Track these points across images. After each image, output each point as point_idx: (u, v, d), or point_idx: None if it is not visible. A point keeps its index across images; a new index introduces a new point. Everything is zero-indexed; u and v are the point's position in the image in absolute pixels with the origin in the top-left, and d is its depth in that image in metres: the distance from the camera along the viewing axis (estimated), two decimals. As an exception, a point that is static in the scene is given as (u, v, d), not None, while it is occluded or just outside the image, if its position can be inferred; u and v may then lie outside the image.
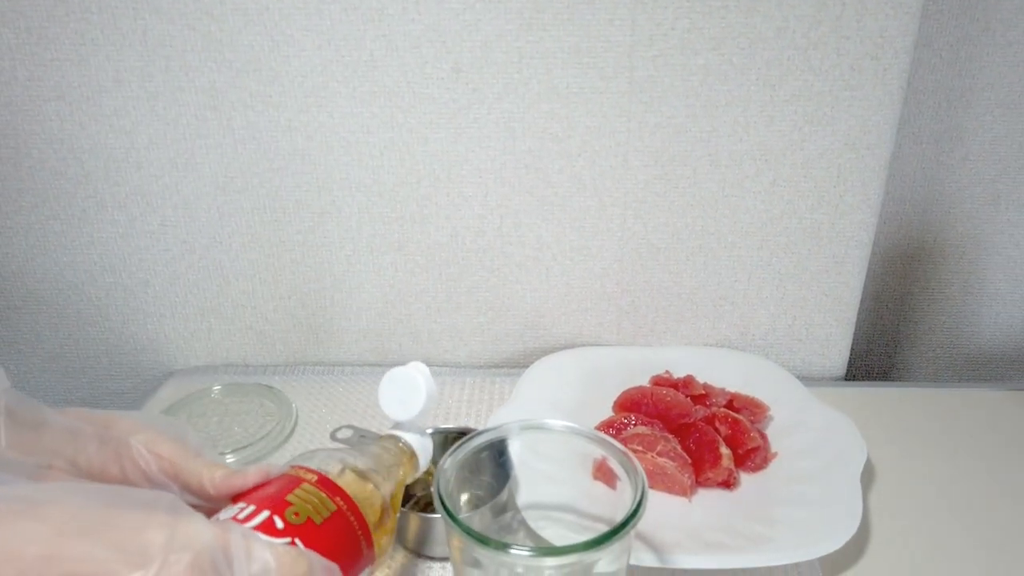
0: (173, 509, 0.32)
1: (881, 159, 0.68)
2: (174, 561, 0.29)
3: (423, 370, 0.50)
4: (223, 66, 0.66)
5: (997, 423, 0.69)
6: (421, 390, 0.49)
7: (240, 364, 0.79)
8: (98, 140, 0.69)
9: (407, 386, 0.49)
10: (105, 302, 0.76)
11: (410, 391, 0.49)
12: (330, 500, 0.39)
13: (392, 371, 0.50)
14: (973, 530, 0.57)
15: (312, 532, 0.37)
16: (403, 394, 0.49)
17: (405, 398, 0.49)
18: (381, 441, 0.48)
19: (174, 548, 0.30)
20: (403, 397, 0.49)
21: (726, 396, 0.67)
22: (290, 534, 0.36)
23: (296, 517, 0.36)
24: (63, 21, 0.64)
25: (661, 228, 0.72)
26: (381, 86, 0.66)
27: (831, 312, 0.75)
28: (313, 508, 0.38)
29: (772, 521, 0.57)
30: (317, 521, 0.37)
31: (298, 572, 0.33)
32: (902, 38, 0.64)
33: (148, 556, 0.29)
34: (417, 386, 0.49)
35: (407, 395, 0.49)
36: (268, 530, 0.35)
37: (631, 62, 0.65)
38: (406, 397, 0.49)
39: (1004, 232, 0.82)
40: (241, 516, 0.36)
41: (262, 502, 0.37)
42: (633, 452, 0.59)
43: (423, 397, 0.49)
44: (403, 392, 0.49)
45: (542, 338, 0.77)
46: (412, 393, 0.49)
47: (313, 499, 0.38)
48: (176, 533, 0.30)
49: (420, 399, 0.49)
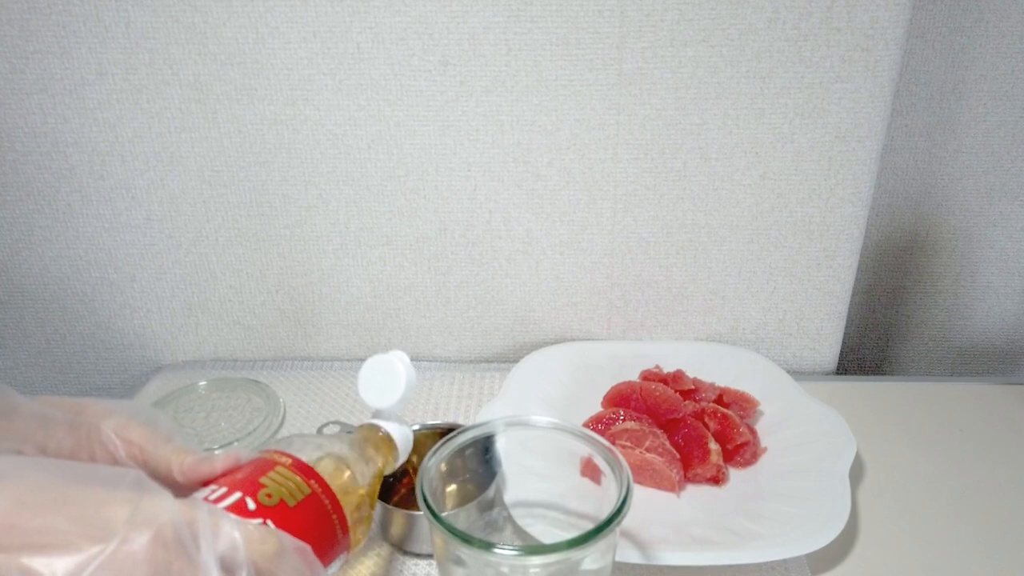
0: (138, 485, 0.31)
1: (872, 152, 0.68)
2: (136, 536, 0.29)
3: (403, 358, 0.49)
4: (207, 59, 0.65)
5: (988, 417, 0.69)
6: (401, 378, 0.48)
7: (227, 359, 0.79)
8: (82, 134, 0.68)
9: (387, 374, 0.48)
10: (91, 297, 0.75)
11: (390, 379, 0.48)
12: (304, 483, 0.38)
13: (372, 359, 0.49)
14: (963, 525, 0.57)
15: (285, 514, 0.36)
16: (383, 381, 0.49)
17: (385, 386, 0.48)
18: (359, 429, 0.48)
19: (136, 523, 0.29)
20: (383, 385, 0.48)
21: (716, 391, 0.67)
22: (262, 515, 0.35)
23: (269, 499, 0.36)
24: (45, 13, 0.63)
25: (651, 222, 0.71)
26: (368, 79, 0.66)
27: (822, 306, 0.74)
28: (287, 491, 0.37)
29: (760, 517, 0.56)
30: (290, 504, 0.36)
31: (267, 550, 0.32)
32: (893, 29, 0.63)
33: (109, 530, 0.28)
34: (397, 374, 0.48)
35: (387, 383, 0.48)
36: (239, 511, 0.34)
37: (620, 54, 0.64)
38: (386, 385, 0.48)
39: (997, 225, 0.81)
40: (212, 497, 0.35)
41: (234, 484, 0.36)
42: (621, 448, 0.60)
43: (403, 385, 0.48)
44: (383, 380, 0.49)
45: (532, 332, 0.77)
46: (392, 380, 0.48)
47: (287, 482, 0.37)
48: (139, 508, 0.30)
49: (400, 387, 0.48)
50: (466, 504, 0.53)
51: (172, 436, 0.40)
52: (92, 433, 0.39)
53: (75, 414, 0.41)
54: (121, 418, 0.41)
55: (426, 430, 0.60)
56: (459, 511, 0.53)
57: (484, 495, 0.54)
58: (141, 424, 0.40)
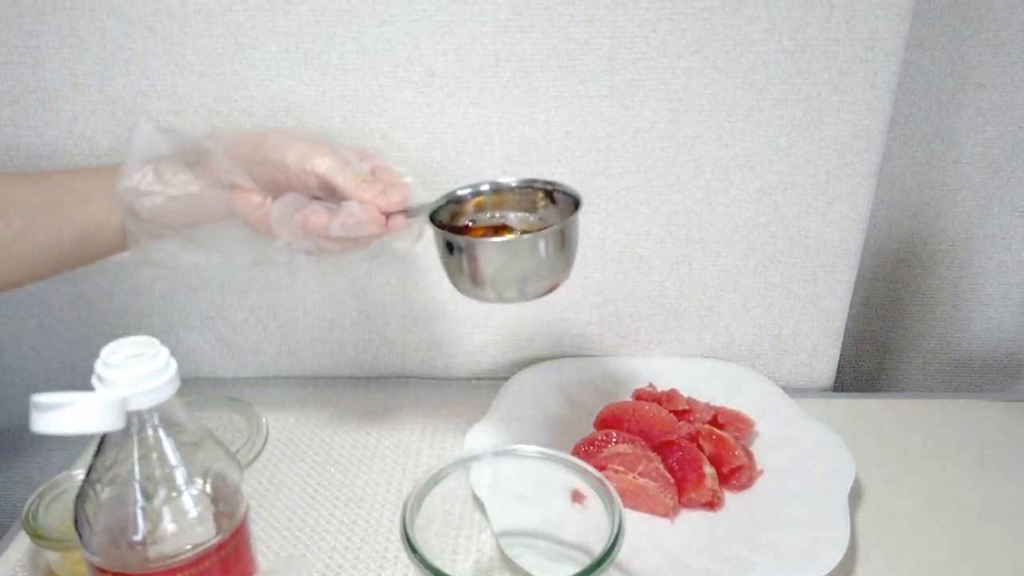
0: None
1: (870, 165, 0.66)
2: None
3: None
4: (185, 70, 0.63)
5: (988, 435, 0.67)
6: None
7: (210, 377, 0.77)
8: (56, 146, 0.66)
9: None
10: (68, 314, 0.73)
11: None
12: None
13: None
14: (965, 549, 0.56)
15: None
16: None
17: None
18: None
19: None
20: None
21: (710, 411, 0.65)
22: None
23: None
24: (16, 23, 0.61)
25: (644, 236, 0.69)
26: (352, 90, 0.64)
27: (818, 322, 0.73)
28: None
29: (756, 545, 0.55)
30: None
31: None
32: (892, 40, 0.61)
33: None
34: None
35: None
36: None
37: (611, 65, 0.63)
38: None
39: (996, 236, 0.80)
40: None
41: None
42: (613, 472, 0.58)
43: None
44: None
45: (523, 349, 0.75)
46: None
47: None
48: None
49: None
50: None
51: (349, 158, 0.50)
52: (281, 167, 0.49)
53: (257, 148, 0.50)
54: (301, 145, 0.49)
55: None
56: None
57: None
58: (320, 152, 0.49)
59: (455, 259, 0.50)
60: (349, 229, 0.49)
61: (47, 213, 0.50)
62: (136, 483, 0.38)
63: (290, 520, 0.59)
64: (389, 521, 0.59)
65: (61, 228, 0.50)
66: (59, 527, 0.51)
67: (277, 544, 0.57)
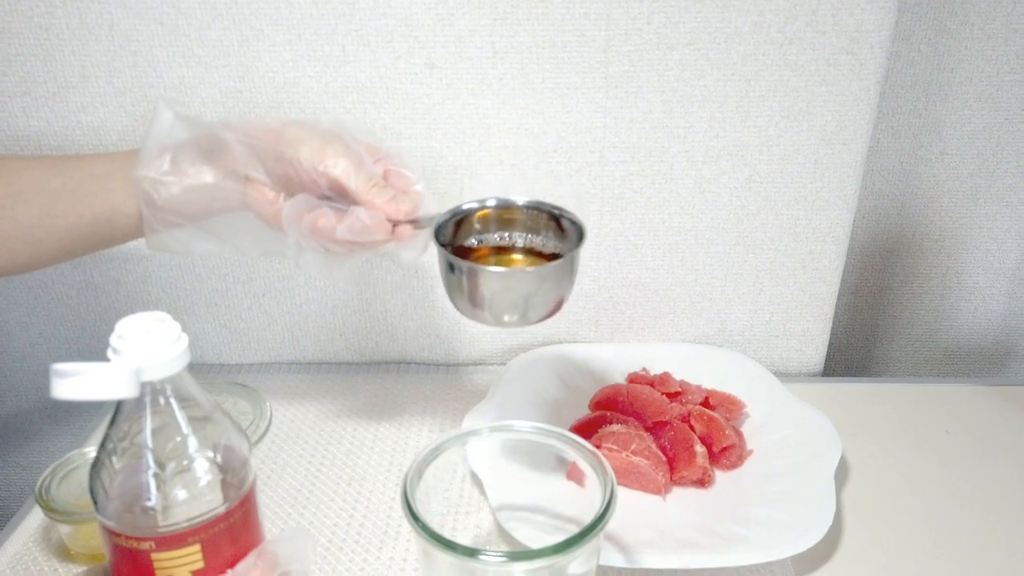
0: None
1: (858, 154, 0.68)
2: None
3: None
4: (192, 61, 0.65)
5: (975, 419, 0.69)
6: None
7: (214, 363, 0.78)
8: (65, 137, 0.67)
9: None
10: (76, 301, 0.75)
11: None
12: None
13: None
14: (947, 527, 0.58)
15: None
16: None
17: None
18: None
19: None
20: None
21: (702, 393, 0.67)
22: None
23: None
24: (27, 15, 0.63)
25: (638, 224, 0.71)
26: (354, 81, 0.65)
27: (808, 308, 0.74)
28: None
29: (745, 520, 0.57)
30: None
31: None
32: (878, 32, 0.63)
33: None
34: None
35: None
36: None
37: (606, 57, 0.64)
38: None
39: (982, 226, 0.82)
40: None
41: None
42: (608, 451, 0.60)
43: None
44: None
45: (519, 335, 0.77)
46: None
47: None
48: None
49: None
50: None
51: (362, 157, 0.51)
52: (294, 164, 0.49)
53: (273, 143, 0.50)
54: (316, 143, 0.50)
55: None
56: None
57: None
58: (335, 151, 0.49)
59: (456, 280, 0.50)
60: (356, 234, 0.50)
61: (65, 197, 0.50)
62: (149, 452, 0.40)
63: (294, 498, 0.61)
64: (390, 499, 0.61)
65: (80, 213, 0.51)
66: (72, 501, 0.53)
67: (281, 520, 0.59)
